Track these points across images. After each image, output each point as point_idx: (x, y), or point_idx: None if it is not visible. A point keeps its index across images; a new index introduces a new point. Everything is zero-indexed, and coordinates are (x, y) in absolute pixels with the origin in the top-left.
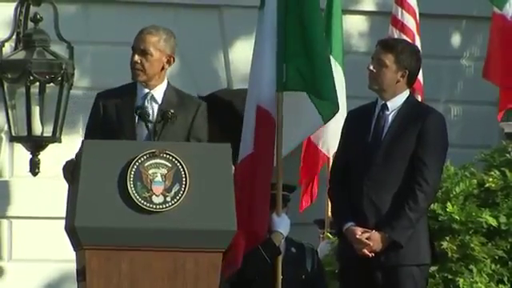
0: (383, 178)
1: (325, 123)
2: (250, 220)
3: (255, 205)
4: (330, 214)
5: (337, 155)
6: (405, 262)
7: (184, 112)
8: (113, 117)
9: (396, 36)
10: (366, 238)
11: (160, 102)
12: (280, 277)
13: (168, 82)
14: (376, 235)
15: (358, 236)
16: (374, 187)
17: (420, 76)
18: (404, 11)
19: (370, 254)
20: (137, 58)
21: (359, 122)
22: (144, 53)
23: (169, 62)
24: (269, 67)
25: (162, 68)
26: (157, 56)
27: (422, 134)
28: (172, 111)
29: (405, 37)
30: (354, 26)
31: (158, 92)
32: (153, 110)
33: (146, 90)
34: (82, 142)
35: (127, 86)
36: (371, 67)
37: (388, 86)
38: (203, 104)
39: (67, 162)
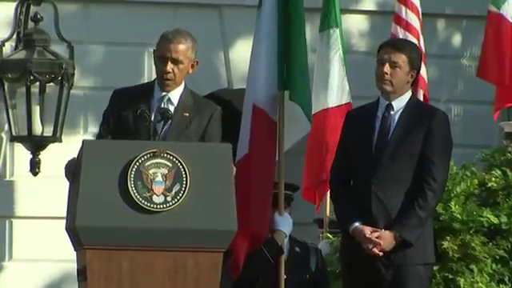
0: (391, 177)
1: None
2: (248, 221)
3: (253, 206)
4: (328, 213)
5: (337, 156)
6: (412, 261)
7: (198, 117)
8: (129, 118)
9: (401, 35)
10: (376, 237)
11: (176, 103)
12: (283, 276)
13: (185, 85)
14: (386, 234)
15: (367, 235)
16: (381, 186)
17: (424, 75)
18: (408, 10)
19: (380, 253)
20: (169, 68)
21: (361, 122)
22: (175, 62)
23: (192, 67)
24: (265, 66)
25: (186, 73)
26: (186, 64)
27: (429, 133)
28: (171, 111)
29: (410, 36)
30: (354, 25)
31: (175, 95)
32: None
33: (164, 93)
34: (83, 141)
35: (144, 85)
36: (385, 69)
37: (400, 86)
38: (218, 109)
39: (69, 162)
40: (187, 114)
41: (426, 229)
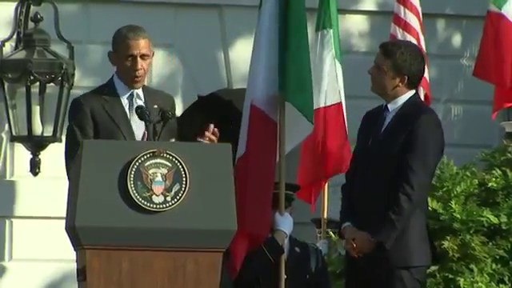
0: (375, 179)
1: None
2: (245, 221)
3: (250, 206)
4: (325, 213)
5: (352, 155)
6: (393, 264)
7: (164, 106)
8: (104, 118)
9: (400, 35)
10: (353, 239)
11: (143, 99)
12: (283, 276)
13: None
14: (359, 236)
15: (346, 236)
16: (367, 188)
17: (426, 75)
18: (407, 10)
19: (356, 255)
20: (140, 64)
21: (369, 122)
22: (144, 58)
23: (151, 59)
24: (264, 66)
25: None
26: (150, 57)
27: (410, 136)
28: (170, 112)
29: (409, 36)
30: (354, 25)
31: (140, 90)
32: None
33: (129, 91)
34: (82, 141)
35: (103, 88)
36: (371, 70)
37: (387, 90)
38: (172, 97)
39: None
40: (156, 106)
41: (410, 232)
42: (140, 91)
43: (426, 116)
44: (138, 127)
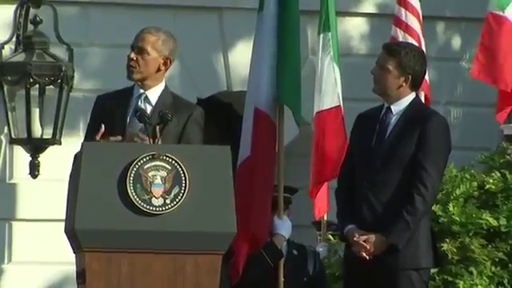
0: (383, 180)
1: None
2: (249, 224)
3: (254, 208)
4: (325, 215)
5: (345, 157)
6: (403, 265)
7: (176, 117)
8: (108, 117)
9: (401, 37)
10: (364, 241)
11: (154, 103)
12: (282, 279)
13: (166, 86)
14: (373, 238)
15: (355, 238)
16: (373, 190)
17: (426, 76)
18: (408, 12)
19: (367, 257)
20: (133, 55)
21: (365, 124)
22: (141, 51)
23: (165, 64)
24: (267, 69)
25: (158, 69)
26: (153, 56)
27: (422, 138)
28: (170, 114)
29: (410, 38)
30: (354, 27)
31: (153, 93)
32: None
33: (141, 91)
34: (82, 144)
35: (126, 88)
36: (374, 71)
37: (390, 90)
38: (198, 109)
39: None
40: (170, 114)
41: (420, 234)
42: (154, 94)
43: (437, 117)
44: (135, 129)
